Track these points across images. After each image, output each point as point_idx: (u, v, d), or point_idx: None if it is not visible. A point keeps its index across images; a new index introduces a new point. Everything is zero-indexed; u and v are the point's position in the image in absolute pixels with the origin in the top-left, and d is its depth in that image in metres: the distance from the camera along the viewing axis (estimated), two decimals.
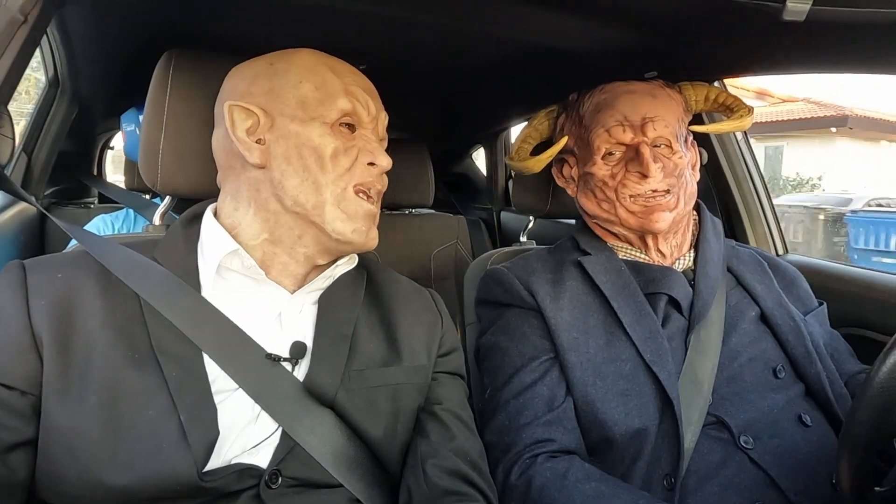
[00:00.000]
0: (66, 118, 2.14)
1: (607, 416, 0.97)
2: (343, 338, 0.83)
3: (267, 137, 0.82)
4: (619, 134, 1.11)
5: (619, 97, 1.14)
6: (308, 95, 0.82)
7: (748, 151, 1.66)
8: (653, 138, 1.10)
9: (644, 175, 1.08)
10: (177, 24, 1.32)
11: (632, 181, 1.09)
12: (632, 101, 1.13)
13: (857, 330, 1.36)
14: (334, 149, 0.81)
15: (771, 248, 1.64)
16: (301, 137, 0.81)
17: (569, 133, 1.22)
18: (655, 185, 1.08)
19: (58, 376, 0.69)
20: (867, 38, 0.98)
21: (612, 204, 1.12)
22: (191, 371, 0.73)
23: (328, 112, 0.82)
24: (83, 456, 0.67)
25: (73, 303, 0.73)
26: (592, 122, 1.15)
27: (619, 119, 1.11)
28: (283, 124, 0.81)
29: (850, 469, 0.74)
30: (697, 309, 1.06)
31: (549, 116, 1.30)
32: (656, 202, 1.08)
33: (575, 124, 1.21)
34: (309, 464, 0.75)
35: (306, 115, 0.81)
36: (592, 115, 1.16)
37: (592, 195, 1.16)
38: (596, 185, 1.14)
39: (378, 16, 1.22)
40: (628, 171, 1.10)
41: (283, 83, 0.83)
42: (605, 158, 1.13)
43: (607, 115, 1.13)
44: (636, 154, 1.09)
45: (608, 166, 1.13)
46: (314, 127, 0.81)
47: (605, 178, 1.12)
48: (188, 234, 0.84)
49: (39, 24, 0.84)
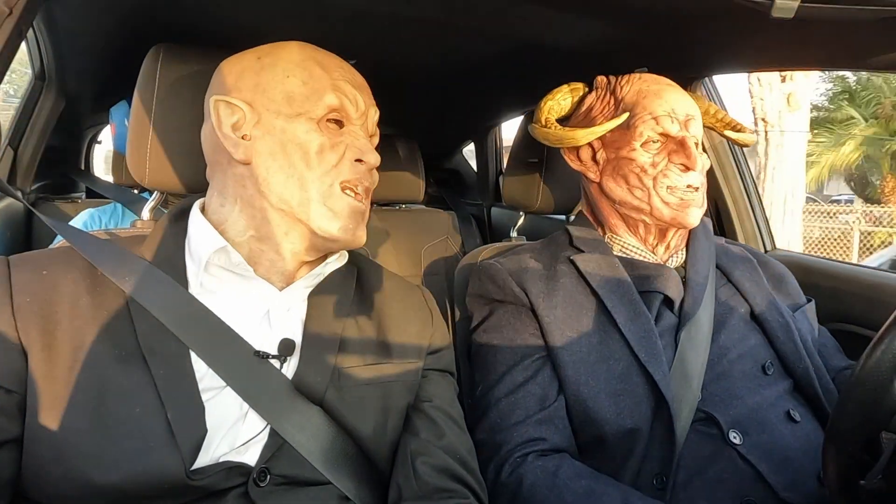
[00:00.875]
0: (53, 112, 2.12)
1: (599, 415, 0.98)
2: (332, 335, 0.83)
3: (252, 133, 0.81)
4: (668, 124, 1.09)
5: (664, 89, 1.13)
6: (295, 90, 0.81)
7: (737, 149, 1.67)
8: (693, 135, 1.11)
9: (688, 168, 1.08)
10: (165, 18, 1.30)
11: (674, 172, 1.08)
12: (677, 97, 1.13)
13: (844, 325, 1.37)
14: (320, 145, 0.80)
15: (759, 245, 1.65)
16: (287, 133, 0.80)
17: (600, 114, 1.19)
18: (694, 178, 1.08)
19: (43, 374, 0.68)
20: (854, 35, 0.98)
21: (646, 192, 1.10)
22: (178, 368, 0.73)
23: (315, 108, 0.81)
24: (69, 454, 0.66)
25: (59, 300, 0.73)
26: (637, 107, 1.13)
27: (668, 110, 1.10)
28: (269, 120, 0.80)
29: (836, 463, 0.74)
30: (688, 306, 1.06)
31: (574, 94, 1.25)
32: (691, 197, 1.08)
33: (609, 106, 1.18)
34: (298, 461, 0.75)
35: (292, 111, 0.81)
36: (636, 99, 1.14)
37: (624, 181, 1.13)
38: (632, 171, 1.12)
39: (368, 10, 1.21)
40: (671, 161, 1.09)
41: (270, 78, 0.82)
42: (644, 146, 1.11)
43: (656, 104, 1.11)
44: (680, 146, 1.08)
45: (649, 154, 1.11)
46: (300, 123, 0.80)
47: (644, 166, 1.10)
48: (176, 231, 0.84)
49: (25, 16, 0.82)
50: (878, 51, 1.01)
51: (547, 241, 1.24)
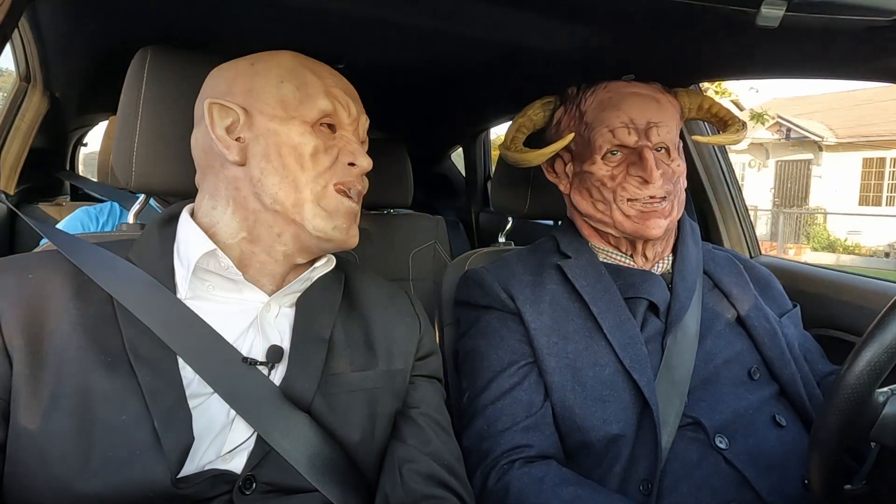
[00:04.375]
0: (38, 114, 2.10)
1: (586, 421, 0.98)
2: (320, 342, 0.83)
3: (246, 136, 0.81)
4: (624, 136, 1.08)
5: (625, 98, 1.11)
6: (288, 95, 0.82)
7: (723, 155, 1.68)
8: (655, 143, 1.09)
9: (645, 180, 1.06)
10: (152, 21, 1.30)
11: (632, 185, 1.07)
12: (638, 104, 1.10)
13: (828, 331, 1.38)
14: (314, 147, 0.81)
15: (745, 251, 1.66)
16: (281, 136, 0.80)
17: (566, 128, 1.19)
18: (655, 190, 1.06)
19: (28, 379, 0.67)
20: (838, 43, 1.00)
21: (608, 205, 1.10)
22: (165, 375, 0.72)
23: (308, 112, 0.82)
24: (53, 461, 0.65)
25: (43, 304, 0.72)
26: (595, 120, 1.12)
27: (625, 121, 1.09)
28: (263, 123, 0.81)
29: (821, 468, 0.75)
30: (675, 312, 1.06)
31: (546, 108, 1.25)
32: (653, 208, 1.07)
33: (574, 119, 1.17)
34: (284, 469, 0.74)
35: (286, 115, 0.81)
36: (596, 112, 1.13)
37: (588, 194, 1.14)
38: (593, 185, 1.12)
39: (356, 16, 1.21)
40: (629, 174, 1.08)
41: (264, 83, 0.82)
42: (605, 158, 1.10)
43: (612, 116, 1.10)
44: (639, 158, 1.07)
45: (608, 166, 1.10)
46: (294, 126, 0.81)
47: (603, 179, 1.10)
48: (164, 235, 0.83)
49: (10, 16, 0.82)
50: (861, 59, 1.03)
51: (534, 246, 1.24)
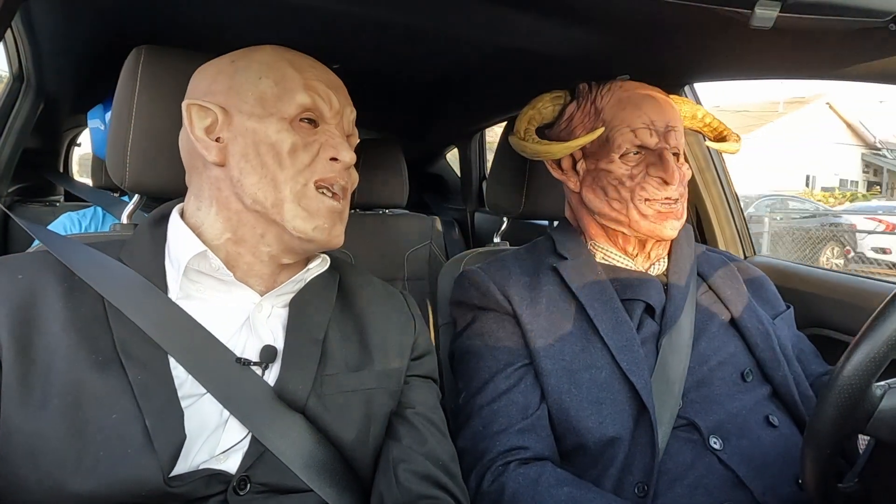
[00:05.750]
0: (31, 114, 2.08)
1: (581, 423, 0.98)
2: (315, 342, 0.82)
3: (225, 135, 0.80)
4: (646, 137, 1.09)
5: (644, 100, 1.12)
6: (267, 91, 0.81)
7: (717, 155, 1.69)
8: (673, 146, 1.10)
9: (665, 181, 1.07)
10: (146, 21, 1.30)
11: (651, 185, 1.08)
12: (657, 107, 1.11)
13: (822, 330, 1.39)
14: (292, 144, 0.80)
15: (739, 251, 1.67)
16: (258, 134, 0.79)
17: (580, 124, 1.18)
18: (672, 192, 1.08)
19: (18, 379, 0.67)
20: (832, 45, 1.00)
21: (624, 204, 1.10)
22: (156, 374, 0.72)
23: (286, 107, 0.81)
24: (45, 461, 0.65)
25: (34, 304, 0.71)
26: (615, 119, 1.12)
27: (647, 122, 1.09)
28: (241, 121, 0.80)
29: (814, 467, 0.75)
30: (670, 314, 1.06)
31: (556, 102, 1.23)
32: (669, 209, 1.08)
33: (589, 116, 1.17)
34: (279, 469, 0.74)
35: (264, 112, 0.80)
36: (615, 110, 1.13)
37: (603, 192, 1.13)
38: (609, 183, 1.12)
39: (352, 15, 1.21)
40: (649, 174, 1.08)
41: (244, 80, 0.82)
42: (623, 157, 1.11)
43: (634, 116, 1.10)
44: (658, 159, 1.08)
45: (627, 165, 1.10)
46: (271, 123, 0.80)
47: (622, 178, 1.10)
48: (155, 235, 0.83)
49: (3, 16, 0.82)
50: (854, 60, 1.03)
51: (531, 246, 1.24)
